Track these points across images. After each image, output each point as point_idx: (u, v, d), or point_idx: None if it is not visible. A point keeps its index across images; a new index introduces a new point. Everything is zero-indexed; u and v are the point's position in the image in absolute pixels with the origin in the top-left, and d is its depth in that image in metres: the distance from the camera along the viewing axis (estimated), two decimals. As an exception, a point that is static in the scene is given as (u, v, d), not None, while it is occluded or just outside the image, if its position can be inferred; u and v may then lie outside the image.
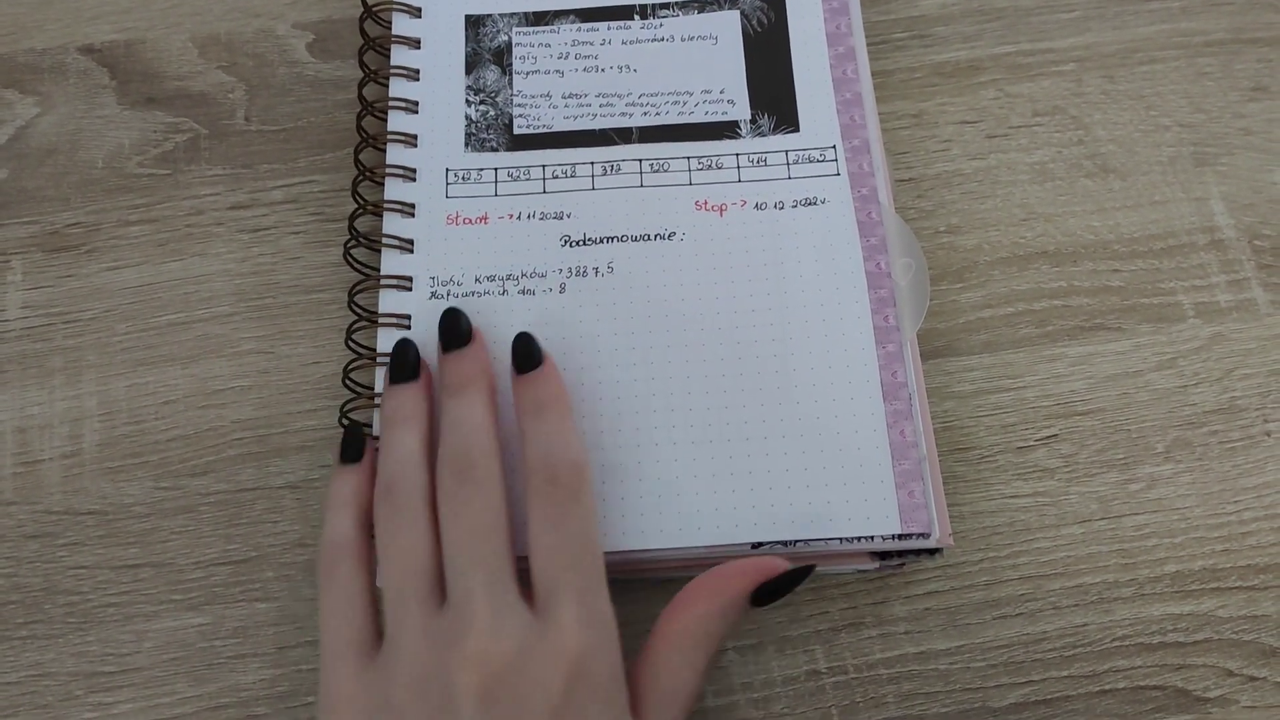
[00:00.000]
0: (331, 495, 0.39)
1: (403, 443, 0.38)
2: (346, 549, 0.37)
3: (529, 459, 0.37)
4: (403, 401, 0.39)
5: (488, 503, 0.36)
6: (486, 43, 0.48)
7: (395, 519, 0.36)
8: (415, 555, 0.36)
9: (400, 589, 0.35)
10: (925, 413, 0.41)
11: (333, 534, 0.37)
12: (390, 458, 0.38)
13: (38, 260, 0.46)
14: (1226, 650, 0.40)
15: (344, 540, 0.37)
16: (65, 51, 0.51)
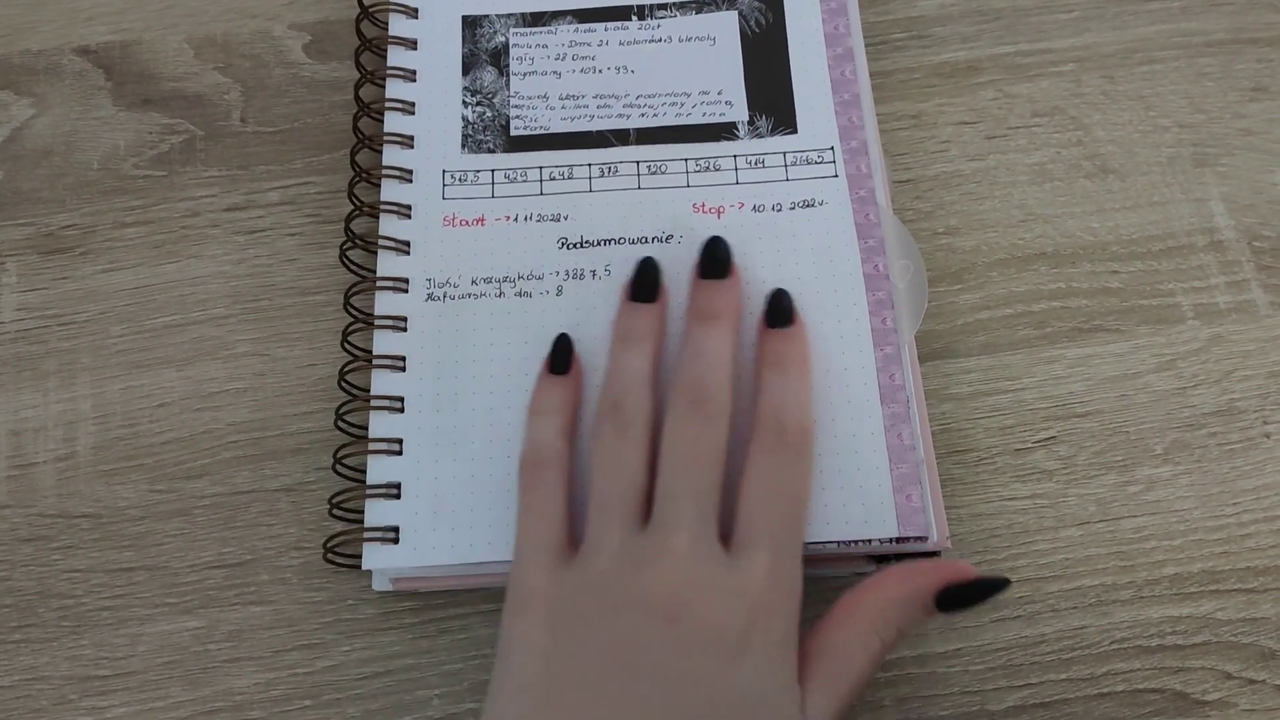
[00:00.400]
0: (536, 402, 0.39)
1: (633, 362, 0.39)
2: (551, 457, 0.38)
3: (762, 408, 0.38)
4: (638, 321, 0.40)
5: (714, 437, 0.37)
6: (483, 44, 0.48)
7: (618, 436, 0.37)
8: (629, 472, 0.36)
9: (607, 501, 0.36)
10: (923, 416, 0.41)
11: (538, 440, 0.38)
12: (620, 375, 0.38)
13: (32, 262, 0.46)
14: (1225, 653, 0.39)
15: (549, 448, 0.38)
16: (61, 53, 0.51)
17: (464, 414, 0.41)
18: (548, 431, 0.38)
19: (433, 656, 0.40)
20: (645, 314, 0.40)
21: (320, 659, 0.40)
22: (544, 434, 0.38)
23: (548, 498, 0.37)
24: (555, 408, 0.39)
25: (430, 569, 0.39)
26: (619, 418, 0.37)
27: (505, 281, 0.43)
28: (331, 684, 0.40)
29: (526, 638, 0.34)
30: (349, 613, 0.41)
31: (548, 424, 0.39)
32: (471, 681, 0.40)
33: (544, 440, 0.38)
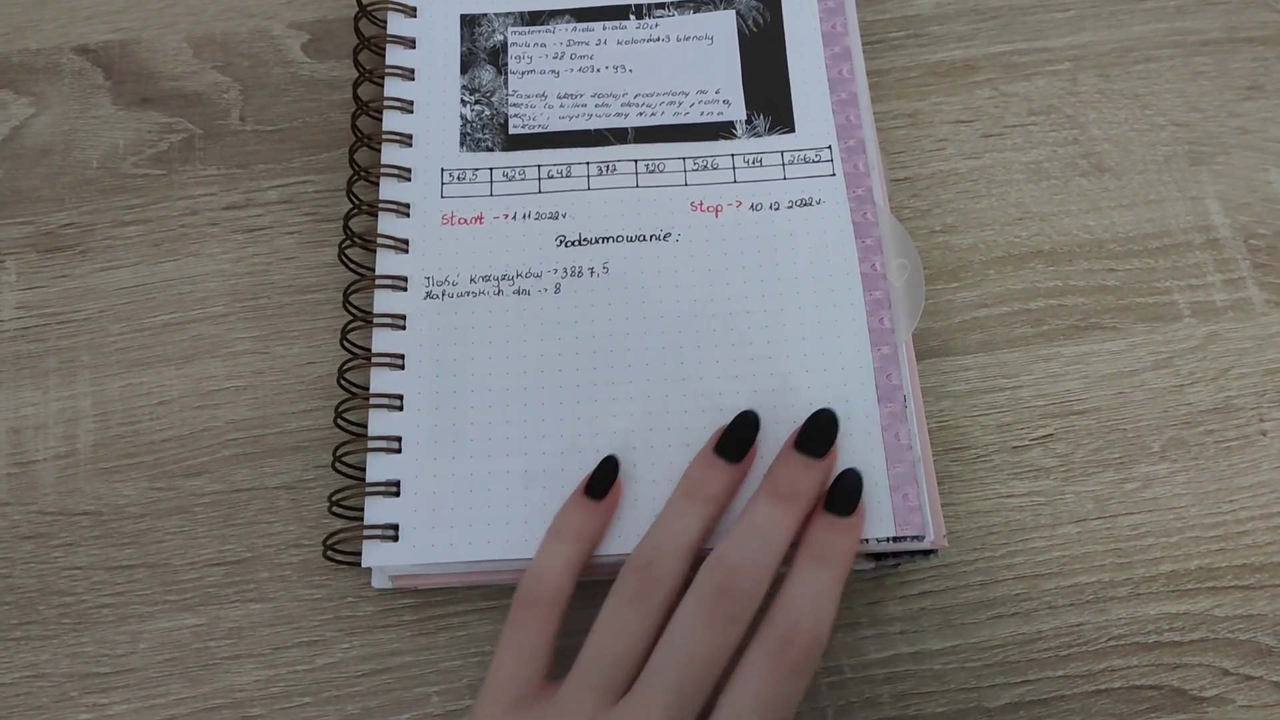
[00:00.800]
0: (558, 520, 0.37)
1: (685, 521, 0.36)
2: (549, 592, 0.36)
3: (780, 603, 0.35)
4: (711, 479, 0.37)
5: (725, 640, 0.34)
6: (482, 42, 0.48)
7: (634, 599, 0.35)
8: (628, 642, 0.34)
9: (594, 663, 0.34)
10: (920, 415, 0.41)
11: (543, 569, 0.36)
12: (665, 530, 0.36)
13: (32, 261, 0.46)
14: (1222, 649, 0.40)
15: (551, 581, 0.36)
16: (60, 52, 0.51)
17: (463, 412, 0.41)
18: (555, 559, 0.36)
19: (431, 653, 0.40)
20: (722, 474, 0.37)
21: (320, 656, 0.40)
22: (551, 561, 0.36)
23: (529, 639, 0.35)
24: (574, 535, 0.37)
25: (429, 566, 0.39)
26: (644, 580, 0.35)
27: (504, 279, 0.43)
28: (331, 681, 0.40)
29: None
30: (348, 610, 0.41)
31: (559, 553, 0.37)
32: (470, 679, 0.40)
33: (548, 572, 0.36)
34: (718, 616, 0.34)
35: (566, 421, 0.41)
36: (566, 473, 0.40)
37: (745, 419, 0.38)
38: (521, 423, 0.41)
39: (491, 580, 0.40)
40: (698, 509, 0.37)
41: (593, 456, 0.40)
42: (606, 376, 0.41)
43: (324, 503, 0.41)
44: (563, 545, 0.37)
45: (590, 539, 0.37)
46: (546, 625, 0.35)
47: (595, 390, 0.41)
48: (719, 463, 0.38)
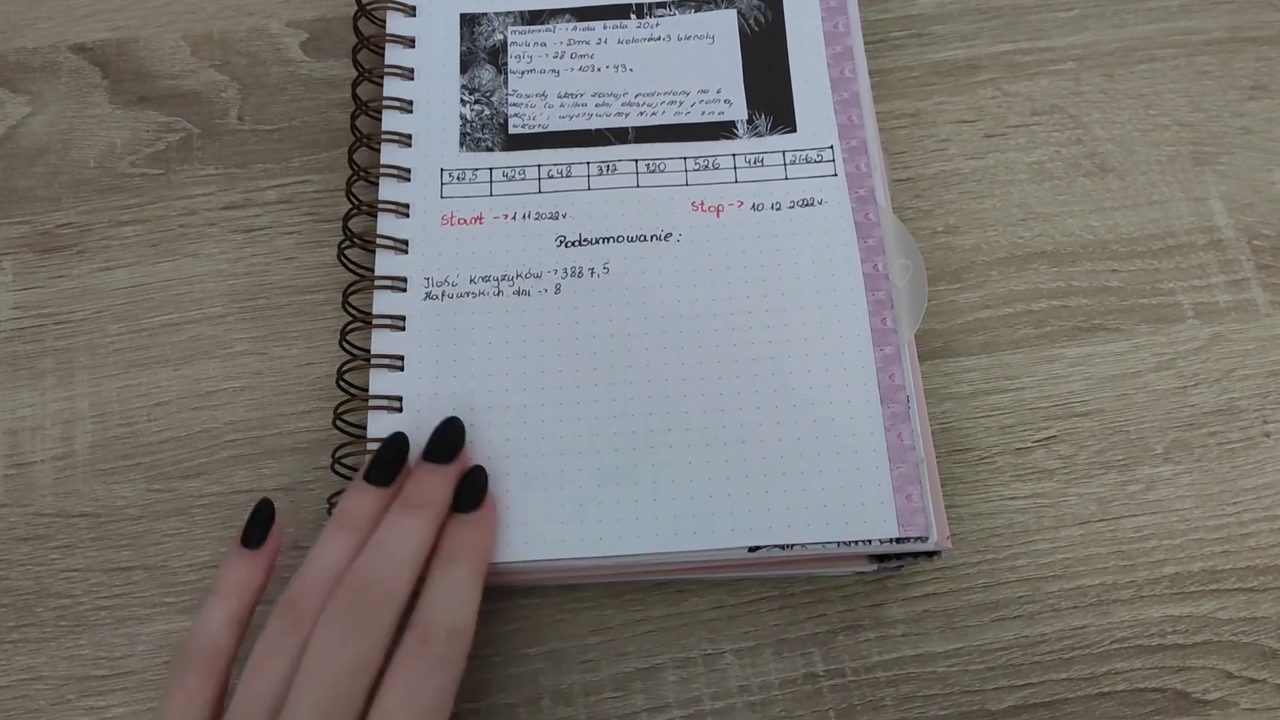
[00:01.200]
0: (218, 579, 0.36)
1: (333, 555, 0.36)
2: (206, 653, 0.35)
3: (419, 608, 0.35)
4: (360, 505, 0.37)
5: (362, 649, 0.33)
6: (482, 41, 0.48)
7: (279, 638, 0.34)
8: (270, 683, 0.33)
9: (242, 709, 0.33)
10: (923, 415, 0.40)
11: (201, 630, 0.35)
12: (313, 566, 0.36)
13: (29, 261, 0.46)
14: (1226, 652, 0.39)
15: (208, 642, 0.35)
16: (57, 50, 0.50)
17: (462, 413, 0.41)
18: (213, 620, 0.35)
19: (432, 656, 0.40)
20: (369, 498, 0.37)
21: (319, 659, 0.40)
22: (210, 624, 0.35)
23: (189, 700, 0.34)
24: (234, 589, 0.36)
25: (429, 569, 0.39)
26: (289, 616, 0.34)
27: (504, 280, 0.43)
28: (330, 684, 0.39)
29: None
30: (347, 613, 0.40)
31: (216, 610, 0.35)
32: (471, 682, 0.39)
33: (204, 632, 0.35)
34: (352, 626, 0.34)
35: (566, 423, 0.40)
36: (566, 474, 0.40)
37: (393, 443, 0.38)
38: (521, 424, 0.41)
39: (491, 583, 0.40)
40: (346, 537, 0.36)
41: (592, 458, 0.40)
42: (607, 377, 0.41)
43: (323, 504, 0.41)
44: (221, 602, 0.36)
45: (250, 591, 0.36)
46: (206, 683, 0.34)
47: (595, 392, 0.41)
48: (368, 489, 0.37)
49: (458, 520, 0.37)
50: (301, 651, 0.33)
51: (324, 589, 0.35)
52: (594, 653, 0.40)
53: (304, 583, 0.35)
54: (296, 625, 0.34)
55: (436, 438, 0.39)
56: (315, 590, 0.35)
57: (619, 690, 0.39)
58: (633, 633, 0.40)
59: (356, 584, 0.34)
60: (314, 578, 0.35)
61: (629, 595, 0.40)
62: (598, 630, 0.40)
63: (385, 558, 0.35)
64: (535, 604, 0.40)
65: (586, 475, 0.40)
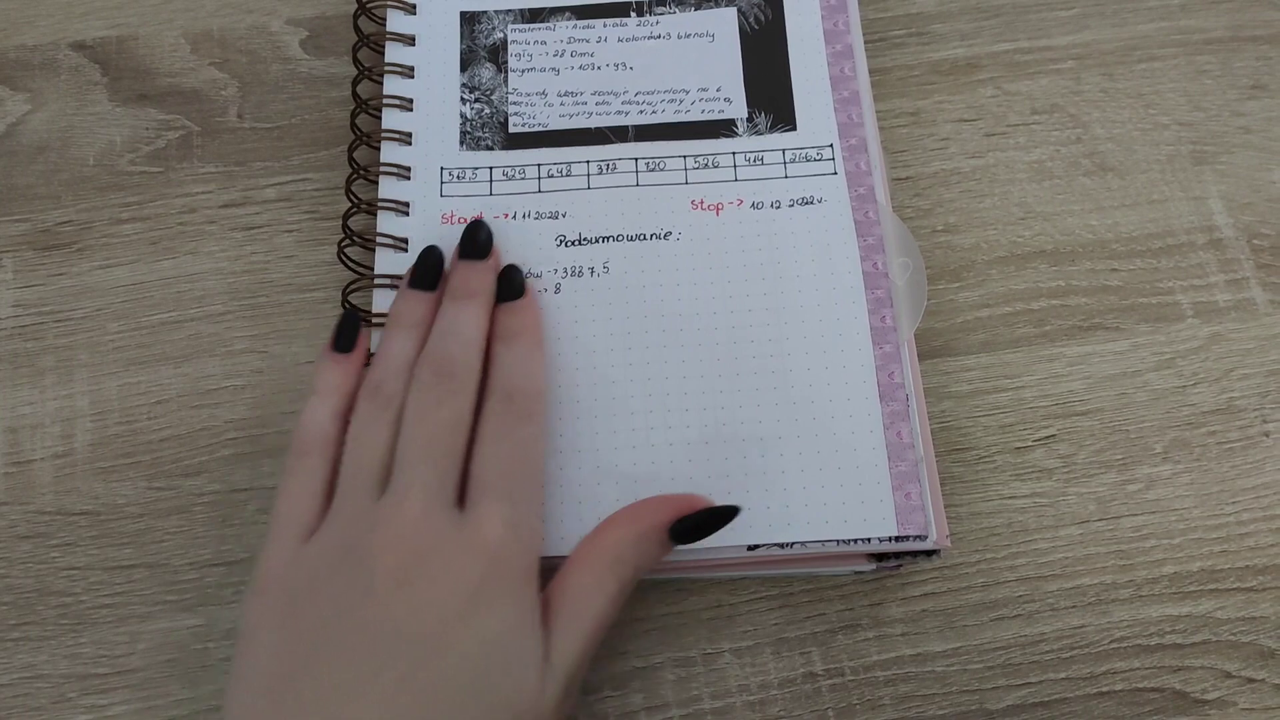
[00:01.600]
0: (316, 381, 0.40)
1: (401, 347, 0.39)
2: (318, 440, 0.38)
3: (491, 380, 0.39)
4: (412, 307, 0.41)
5: (455, 407, 0.37)
6: (482, 40, 0.48)
7: (373, 416, 0.38)
8: (375, 446, 0.37)
9: (351, 475, 0.37)
10: (923, 414, 0.40)
11: (309, 422, 0.38)
12: (386, 358, 0.39)
13: (29, 258, 0.46)
14: (1225, 652, 0.40)
15: (318, 431, 0.38)
16: (57, 48, 0.50)
17: (463, 412, 0.41)
18: (319, 413, 0.39)
19: (431, 655, 0.40)
20: (419, 301, 0.41)
21: (319, 657, 0.40)
22: (315, 416, 0.39)
23: (304, 482, 0.37)
24: (332, 388, 0.39)
25: (429, 567, 0.39)
26: (376, 400, 0.38)
27: (504, 279, 0.43)
28: (330, 682, 0.39)
29: (260, 621, 0.35)
30: (347, 611, 0.41)
31: (320, 406, 0.39)
32: (470, 680, 0.39)
33: (314, 422, 0.38)
34: (442, 392, 0.37)
35: (566, 421, 0.41)
36: (565, 472, 0.40)
37: (432, 251, 0.42)
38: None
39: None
40: (407, 333, 0.40)
41: (592, 456, 0.40)
42: (606, 376, 0.41)
43: (323, 503, 0.41)
44: (323, 399, 0.39)
45: (347, 389, 0.40)
46: (317, 471, 0.37)
47: (595, 390, 0.41)
48: (415, 293, 0.41)
49: (505, 306, 0.41)
50: (397, 423, 0.37)
51: (403, 373, 0.39)
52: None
53: (384, 370, 0.39)
54: (386, 405, 0.38)
55: (468, 238, 0.42)
56: (396, 375, 0.39)
57: (617, 689, 0.39)
58: (631, 632, 0.40)
59: (435, 360, 0.38)
60: (391, 366, 0.39)
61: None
62: (597, 629, 0.40)
63: (454, 338, 0.39)
64: (535, 602, 0.40)
65: (585, 473, 0.40)
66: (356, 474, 0.37)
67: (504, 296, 0.41)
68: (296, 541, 0.36)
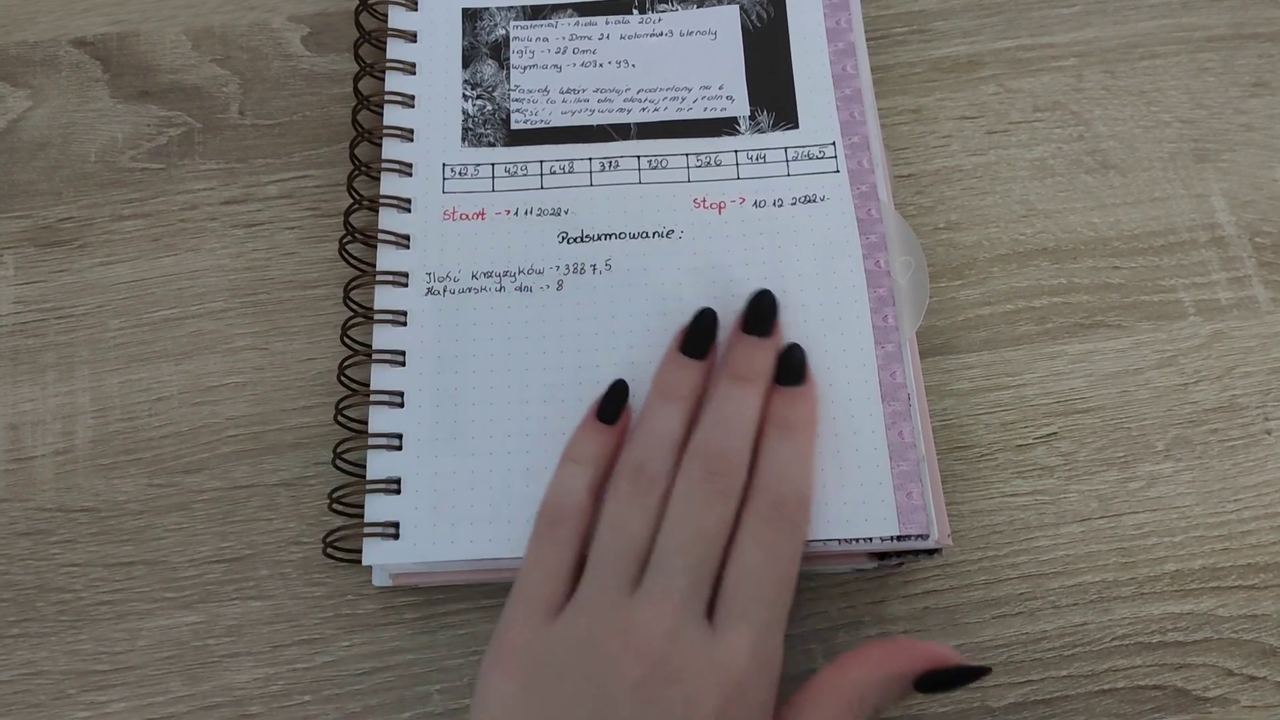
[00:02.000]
0: (574, 448, 0.38)
1: (667, 424, 0.38)
2: (571, 512, 0.37)
3: (761, 474, 0.37)
4: (681, 377, 0.39)
5: (722, 512, 0.36)
6: (484, 37, 0.48)
7: (632, 498, 0.36)
8: (633, 535, 0.36)
9: (604, 561, 0.35)
10: (924, 413, 0.40)
11: (563, 490, 0.37)
12: (650, 434, 0.38)
13: (30, 255, 0.46)
14: (1226, 650, 0.40)
15: (572, 502, 0.37)
16: (58, 44, 0.50)
17: (464, 409, 0.41)
18: (575, 482, 0.37)
19: (433, 652, 0.40)
20: (691, 371, 0.39)
21: (320, 654, 0.40)
22: (570, 484, 0.37)
23: (554, 554, 0.36)
24: (591, 458, 0.38)
25: (430, 564, 0.39)
26: (638, 479, 0.36)
27: (505, 276, 0.43)
28: (331, 679, 0.39)
29: (500, 691, 0.34)
30: (349, 608, 0.40)
31: (576, 475, 0.37)
32: (471, 677, 0.39)
33: (568, 493, 0.37)
34: (710, 493, 0.36)
35: (568, 419, 0.40)
36: (568, 470, 0.40)
37: (705, 316, 0.40)
38: (523, 420, 0.41)
39: (493, 578, 0.40)
40: (676, 407, 0.38)
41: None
42: (609, 373, 0.41)
43: (324, 500, 0.41)
44: (579, 469, 0.38)
45: (607, 461, 0.38)
46: (569, 543, 0.36)
47: (598, 388, 0.41)
48: (687, 361, 0.39)
49: (786, 393, 0.39)
50: (658, 512, 0.36)
51: (668, 454, 0.37)
52: (595, 648, 0.40)
53: (647, 448, 0.37)
54: (648, 487, 0.36)
55: (753, 312, 0.40)
56: (660, 455, 0.37)
57: (620, 686, 0.39)
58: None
59: (708, 454, 0.37)
60: (655, 444, 0.37)
61: (630, 591, 0.40)
62: (599, 626, 0.40)
63: (728, 429, 0.37)
64: (536, 600, 0.40)
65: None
66: (609, 561, 0.35)
67: (784, 379, 0.39)
68: (540, 618, 0.35)
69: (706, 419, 0.38)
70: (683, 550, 0.35)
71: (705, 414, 0.38)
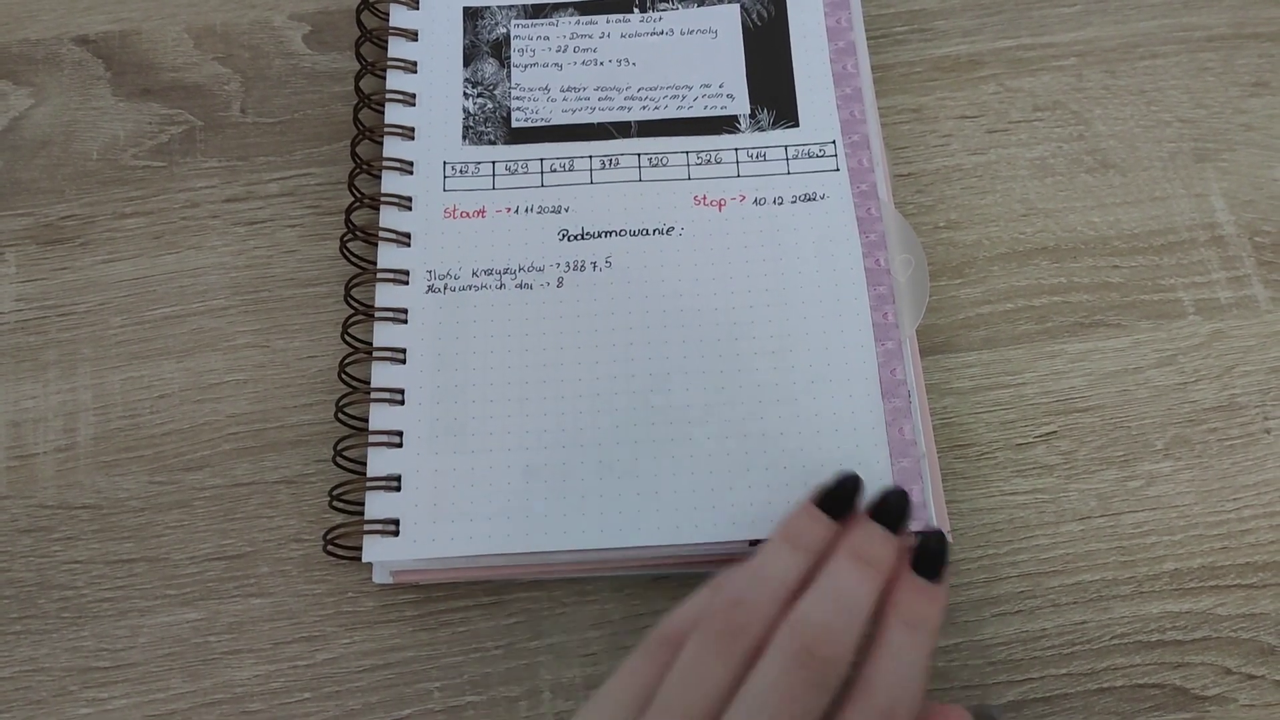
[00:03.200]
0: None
1: (784, 567, 0.34)
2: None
3: (878, 673, 0.33)
4: (813, 532, 0.35)
5: (813, 704, 0.31)
6: (484, 35, 0.48)
7: (723, 640, 0.33)
8: (707, 692, 0.32)
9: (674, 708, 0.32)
10: (925, 410, 0.41)
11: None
12: (761, 570, 0.34)
13: (32, 253, 0.46)
14: (1225, 648, 0.40)
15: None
16: (60, 42, 0.50)
17: (464, 406, 0.41)
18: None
19: (433, 649, 0.40)
20: (822, 527, 0.35)
21: (320, 651, 0.40)
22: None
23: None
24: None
25: (430, 561, 0.39)
26: (732, 618, 0.33)
27: (506, 273, 0.43)
28: (331, 676, 0.40)
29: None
30: (349, 605, 0.41)
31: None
32: (471, 674, 0.39)
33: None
34: (804, 682, 0.32)
35: (568, 416, 0.41)
36: (568, 467, 0.40)
37: (848, 481, 0.36)
38: (523, 417, 0.41)
39: (493, 575, 0.40)
40: (796, 557, 0.35)
41: (594, 451, 0.40)
42: (609, 371, 0.41)
43: (324, 497, 0.41)
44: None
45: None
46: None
47: (597, 385, 0.41)
48: (821, 516, 0.36)
49: (920, 585, 0.35)
50: (740, 668, 0.32)
51: (771, 602, 0.33)
52: (595, 646, 0.40)
53: (751, 586, 0.34)
54: (741, 630, 0.33)
55: (888, 507, 0.36)
56: (762, 601, 0.33)
57: (620, 683, 0.39)
58: (634, 627, 0.40)
59: (811, 626, 0.33)
60: (761, 587, 0.34)
61: (630, 589, 0.40)
62: (599, 624, 0.40)
63: (838, 608, 0.33)
64: (537, 597, 0.40)
65: (588, 468, 0.40)
66: (677, 711, 0.32)
67: (922, 569, 0.35)
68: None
69: (818, 588, 0.34)
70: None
71: (818, 582, 0.34)
